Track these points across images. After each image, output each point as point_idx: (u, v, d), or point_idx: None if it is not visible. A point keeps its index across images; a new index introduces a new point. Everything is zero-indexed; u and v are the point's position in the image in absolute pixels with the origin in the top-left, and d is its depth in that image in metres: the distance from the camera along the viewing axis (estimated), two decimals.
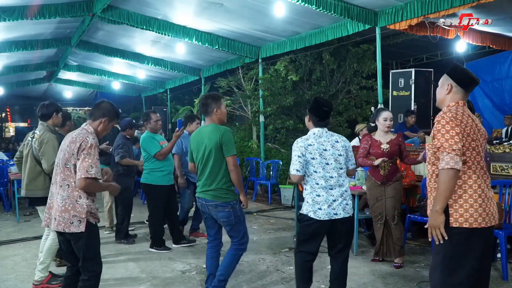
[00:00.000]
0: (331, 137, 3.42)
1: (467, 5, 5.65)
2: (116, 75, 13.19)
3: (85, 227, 2.95)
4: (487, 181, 2.46)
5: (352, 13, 6.50)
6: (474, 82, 2.55)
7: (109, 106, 3.23)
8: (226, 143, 3.52)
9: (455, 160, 2.30)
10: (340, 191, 3.34)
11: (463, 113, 2.44)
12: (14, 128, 21.53)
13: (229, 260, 3.62)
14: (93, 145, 2.97)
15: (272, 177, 8.80)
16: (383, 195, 4.52)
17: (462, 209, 2.38)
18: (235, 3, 7.10)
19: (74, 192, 2.97)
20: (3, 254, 5.26)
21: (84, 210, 2.96)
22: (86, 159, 2.92)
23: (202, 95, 3.82)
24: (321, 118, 3.47)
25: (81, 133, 3.05)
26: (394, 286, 4.06)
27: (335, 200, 3.32)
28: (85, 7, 7.66)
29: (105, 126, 3.19)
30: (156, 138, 5.31)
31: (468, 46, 9.18)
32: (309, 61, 9.95)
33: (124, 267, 4.71)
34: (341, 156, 3.37)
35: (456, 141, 2.33)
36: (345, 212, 3.33)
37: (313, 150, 3.36)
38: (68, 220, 2.95)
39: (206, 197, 3.56)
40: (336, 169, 3.36)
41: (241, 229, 3.64)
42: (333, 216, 3.31)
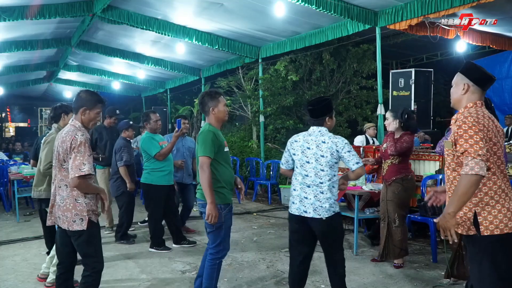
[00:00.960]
0: (320, 136, 3.29)
1: (467, 5, 5.65)
2: (116, 75, 13.19)
3: (87, 224, 2.99)
4: (507, 183, 2.39)
5: (352, 13, 6.50)
6: (491, 80, 2.48)
7: (84, 95, 3.14)
8: (200, 143, 3.42)
9: (480, 166, 2.21)
10: (315, 191, 3.23)
11: (483, 116, 2.36)
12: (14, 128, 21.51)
13: (209, 272, 3.48)
14: (82, 142, 2.94)
15: (272, 177, 8.80)
16: (385, 196, 4.52)
17: (491, 216, 2.32)
18: (235, 3, 7.10)
19: (73, 192, 3.00)
20: (3, 254, 5.26)
21: (84, 208, 2.99)
22: (78, 157, 2.91)
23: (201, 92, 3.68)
24: (310, 116, 3.38)
25: (69, 131, 3.02)
26: (394, 286, 4.06)
27: (307, 198, 3.25)
28: (85, 7, 7.66)
29: (89, 116, 3.11)
30: (156, 139, 5.31)
31: (468, 46, 9.18)
32: (309, 61, 9.95)
33: (124, 267, 4.71)
34: (323, 158, 3.23)
35: (481, 147, 2.25)
36: (315, 212, 3.19)
37: (296, 147, 3.35)
38: (71, 219, 2.99)
39: (197, 196, 3.53)
40: (314, 169, 3.25)
41: (219, 236, 3.43)
42: (303, 213, 3.24)
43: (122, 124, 5.86)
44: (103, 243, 5.55)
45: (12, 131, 21.46)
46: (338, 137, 3.31)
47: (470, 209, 2.37)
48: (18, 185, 7.40)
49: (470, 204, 2.36)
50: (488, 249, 2.32)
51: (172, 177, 5.39)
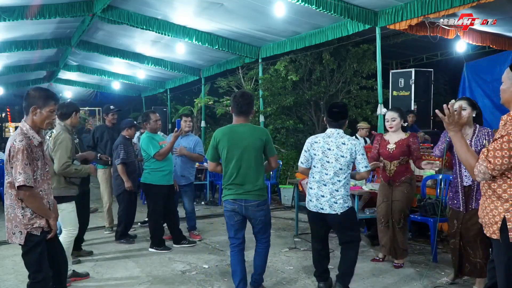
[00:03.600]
0: (340, 138, 3.67)
1: (467, 5, 5.65)
2: (116, 75, 13.19)
3: (24, 240, 2.81)
4: None
5: (352, 13, 6.50)
6: None
7: (34, 92, 2.87)
8: (270, 143, 3.61)
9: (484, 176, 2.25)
10: (330, 189, 3.63)
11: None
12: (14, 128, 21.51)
13: (265, 259, 3.76)
14: (20, 149, 2.69)
15: (272, 177, 8.79)
16: (390, 197, 4.47)
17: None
18: (235, 3, 7.10)
19: (14, 201, 2.81)
20: (3, 254, 5.26)
21: (21, 221, 2.79)
22: (16, 166, 2.70)
23: (242, 91, 3.68)
24: (333, 119, 3.72)
25: (12, 137, 2.80)
26: (394, 286, 4.06)
27: (323, 196, 3.65)
28: (85, 7, 7.66)
29: (41, 115, 2.83)
30: (156, 138, 5.31)
31: (468, 46, 9.17)
32: (309, 61, 9.94)
33: (124, 267, 4.71)
34: (343, 158, 3.62)
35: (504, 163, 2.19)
36: (331, 209, 3.62)
37: (317, 147, 3.71)
38: (11, 231, 2.84)
39: (248, 198, 3.53)
40: (334, 169, 3.63)
41: (269, 227, 3.77)
42: (320, 210, 3.67)
43: (125, 122, 5.83)
44: (103, 243, 5.61)
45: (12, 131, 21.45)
46: (355, 139, 3.74)
47: (500, 213, 2.28)
48: None
49: (500, 209, 2.28)
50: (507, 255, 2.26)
51: (172, 177, 5.39)
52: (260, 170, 3.57)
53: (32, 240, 2.84)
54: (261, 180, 3.57)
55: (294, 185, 6.66)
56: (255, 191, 3.53)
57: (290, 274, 4.41)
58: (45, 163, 2.96)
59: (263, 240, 3.72)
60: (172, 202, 5.48)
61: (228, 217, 3.66)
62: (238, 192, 3.54)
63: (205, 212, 7.57)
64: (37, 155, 2.86)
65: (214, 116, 12.93)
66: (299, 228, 6.08)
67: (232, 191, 3.56)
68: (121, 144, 5.60)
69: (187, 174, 5.79)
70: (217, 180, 8.77)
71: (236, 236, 3.67)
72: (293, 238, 5.79)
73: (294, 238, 5.79)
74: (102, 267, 4.70)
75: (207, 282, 4.20)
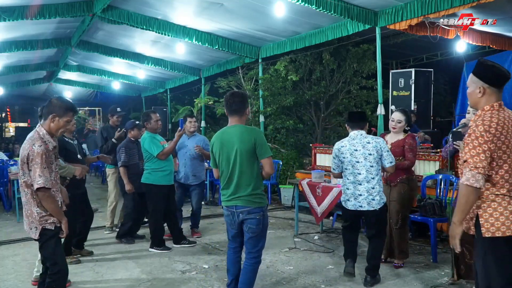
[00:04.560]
0: (364, 139, 3.96)
1: (467, 5, 5.65)
2: (116, 75, 13.19)
3: (39, 235, 3.00)
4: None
5: (352, 13, 6.50)
6: (507, 78, 2.42)
7: (56, 102, 3.07)
8: (262, 144, 3.28)
9: (476, 178, 2.28)
10: (366, 187, 3.91)
11: (498, 122, 2.33)
12: (14, 128, 21.50)
13: (251, 276, 3.41)
14: (39, 153, 2.87)
15: (272, 177, 8.78)
16: (388, 197, 4.46)
17: (492, 218, 2.35)
18: (235, 3, 7.10)
19: (30, 199, 2.98)
20: (3, 254, 5.26)
21: (36, 217, 2.98)
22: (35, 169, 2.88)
23: (232, 91, 3.52)
24: (353, 121, 4.04)
25: (31, 139, 2.96)
26: (394, 286, 4.06)
27: (361, 195, 3.93)
28: (85, 7, 7.66)
29: (58, 124, 3.03)
30: (157, 138, 5.31)
31: (468, 46, 9.17)
32: (309, 61, 9.94)
33: (124, 267, 4.71)
34: (371, 156, 3.90)
35: (482, 159, 2.28)
36: (370, 206, 3.91)
37: (345, 151, 3.99)
38: (28, 226, 3.02)
39: (238, 204, 3.30)
40: (365, 167, 3.91)
41: (263, 240, 3.43)
42: (359, 208, 3.95)
43: (128, 124, 5.87)
44: (103, 243, 5.61)
45: (12, 131, 21.45)
46: (378, 138, 4.03)
47: (473, 210, 2.40)
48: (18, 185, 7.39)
49: (474, 205, 2.39)
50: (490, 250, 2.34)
51: (172, 177, 5.39)
52: (253, 174, 3.29)
53: (46, 234, 3.01)
54: (254, 185, 3.28)
55: (294, 185, 6.65)
56: (246, 196, 3.27)
57: (290, 274, 4.41)
58: (56, 164, 3.15)
59: (251, 254, 3.38)
60: (172, 202, 5.48)
61: (226, 221, 3.53)
62: (229, 198, 3.34)
63: (205, 212, 7.56)
64: (51, 158, 3.03)
65: (214, 116, 12.93)
66: (299, 228, 6.08)
67: (225, 197, 3.39)
68: (123, 147, 5.63)
69: (198, 174, 5.82)
70: (216, 180, 8.75)
71: (234, 240, 3.52)
72: (293, 238, 5.79)
73: (294, 238, 5.79)
74: (102, 267, 4.70)
75: (207, 282, 4.20)
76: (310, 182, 5.60)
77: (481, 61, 2.49)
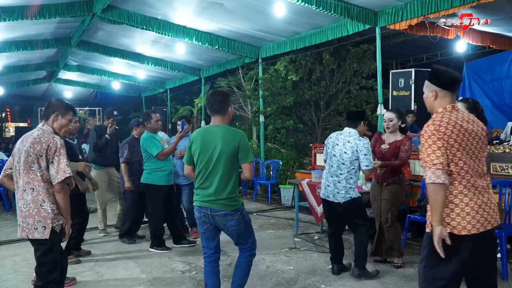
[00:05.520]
0: (348, 137, 4.14)
1: (467, 5, 5.65)
2: (116, 75, 13.18)
3: (50, 234, 2.90)
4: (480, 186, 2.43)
5: (352, 13, 6.50)
6: (457, 81, 2.53)
7: (57, 102, 3.20)
8: (245, 148, 3.17)
9: (437, 174, 2.34)
10: (334, 180, 4.15)
11: (449, 122, 2.41)
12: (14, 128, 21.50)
13: (245, 270, 3.38)
14: (62, 144, 2.96)
15: (272, 177, 8.80)
16: (379, 196, 4.49)
17: (448, 218, 2.41)
18: (235, 3, 7.10)
19: (39, 196, 2.90)
20: (3, 254, 5.26)
21: (49, 215, 2.90)
22: (61, 159, 2.90)
23: (213, 90, 3.37)
24: (348, 119, 4.26)
25: (44, 134, 2.98)
26: (394, 286, 4.06)
27: (329, 186, 4.20)
28: (85, 7, 7.66)
29: (60, 122, 3.12)
30: (157, 138, 5.32)
31: (468, 46, 9.17)
32: (309, 61, 9.94)
33: (124, 267, 4.72)
34: (345, 154, 4.09)
35: (438, 155, 2.36)
36: (334, 198, 4.15)
37: (330, 143, 4.27)
38: (32, 226, 2.90)
39: (212, 207, 3.19)
40: (337, 162, 4.14)
41: (250, 235, 3.38)
42: (326, 197, 4.24)
43: (132, 122, 5.97)
44: (103, 243, 5.61)
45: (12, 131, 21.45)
46: (361, 139, 4.09)
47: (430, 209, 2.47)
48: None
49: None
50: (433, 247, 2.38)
51: (172, 177, 5.39)
52: (232, 177, 3.18)
53: (53, 238, 2.94)
54: (231, 188, 3.19)
55: (294, 185, 6.65)
56: (222, 200, 3.17)
57: (290, 274, 4.41)
58: None
59: (244, 249, 3.37)
60: (172, 202, 5.48)
61: (198, 224, 3.39)
62: (203, 200, 3.23)
63: None
64: None
65: None
66: (299, 228, 6.08)
67: (198, 196, 3.27)
68: (127, 143, 5.65)
69: None
70: None
71: (208, 245, 3.36)
72: (293, 238, 5.79)
73: (294, 238, 5.79)
74: (102, 267, 4.71)
75: None
76: (310, 182, 5.60)
77: (434, 67, 2.60)
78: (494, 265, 2.60)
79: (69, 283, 4.06)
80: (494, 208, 2.47)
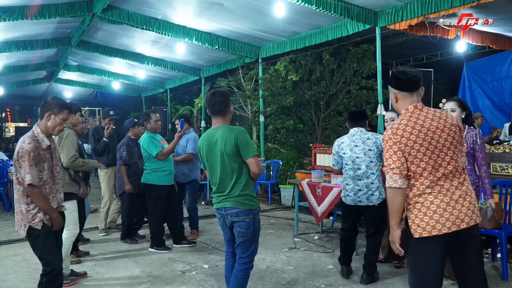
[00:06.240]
0: (364, 135, 4.06)
1: (467, 5, 5.65)
2: (116, 75, 13.18)
3: (27, 232, 3.03)
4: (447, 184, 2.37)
5: (352, 13, 6.49)
6: (411, 81, 2.45)
7: (51, 100, 3.14)
8: (244, 144, 3.11)
9: (394, 179, 2.37)
10: (366, 182, 3.98)
11: (407, 124, 2.39)
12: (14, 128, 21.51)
13: (241, 282, 3.21)
14: (28, 151, 2.92)
15: (272, 177, 8.80)
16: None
17: (418, 219, 2.38)
18: (235, 3, 7.10)
19: (19, 197, 3.05)
20: (3, 254, 5.26)
21: (24, 215, 3.02)
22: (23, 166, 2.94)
23: (213, 91, 3.30)
24: (353, 119, 4.17)
25: (25, 137, 3.03)
26: (394, 286, 4.06)
27: (360, 190, 4.00)
28: (85, 7, 7.65)
29: (54, 121, 3.09)
30: (157, 138, 5.31)
31: (468, 46, 9.17)
32: (309, 61, 9.94)
33: (124, 267, 4.72)
34: (371, 151, 3.98)
35: (394, 160, 2.38)
36: (369, 201, 3.99)
37: (345, 147, 4.10)
38: (19, 223, 3.08)
39: (226, 205, 3.17)
40: (365, 162, 3.99)
41: (253, 245, 3.25)
42: (358, 203, 4.04)
43: (127, 123, 5.87)
44: (102, 244, 5.61)
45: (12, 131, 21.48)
46: (378, 134, 4.10)
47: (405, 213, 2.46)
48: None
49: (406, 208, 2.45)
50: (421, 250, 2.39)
51: (172, 177, 5.39)
52: (241, 175, 3.14)
53: (33, 234, 3.04)
54: (243, 186, 3.13)
55: (294, 185, 6.65)
56: (234, 197, 3.14)
57: (290, 274, 4.41)
58: (53, 164, 3.16)
59: (242, 260, 3.21)
60: (172, 202, 5.48)
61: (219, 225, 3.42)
62: (218, 200, 3.23)
63: (205, 212, 7.56)
64: (45, 157, 3.05)
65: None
66: (299, 228, 6.08)
67: (215, 199, 3.28)
68: (124, 145, 5.62)
69: (187, 172, 5.81)
70: None
71: (229, 244, 3.36)
72: (293, 238, 5.79)
73: (294, 238, 5.79)
74: (102, 267, 4.71)
75: (207, 282, 4.20)
76: (310, 182, 5.60)
77: (393, 70, 2.56)
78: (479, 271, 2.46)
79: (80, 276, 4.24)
80: (469, 206, 2.37)
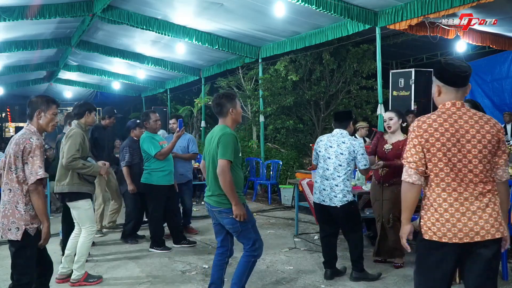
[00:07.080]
0: (341, 138, 4.08)
1: (467, 5, 5.65)
2: (116, 75, 13.19)
3: (22, 236, 2.88)
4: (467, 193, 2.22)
5: (352, 13, 6.50)
6: (460, 77, 2.27)
7: (36, 99, 3.12)
8: (221, 145, 3.26)
9: (408, 173, 2.30)
10: (330, 183, 4.03)
11: (436, 119, 2.25)
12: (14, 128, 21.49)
13: (241, 269, 3.42)
14: (38, 145, 2.91)
15: (272, 177, 8.80)
16: (380, 197, 4.48)
17: (429, 222, 2.26)
18: (235, 3, 7.10)
19: (15, 198, 2.90)
20: (3, 254, 5.25)
21: (22, 217, 2.88)
22: (35, 160, 2.88)
23: (217, 93, 3.53)
24: (337, 120, 4.21)
25: (24, 135, 2.97)
26: (394, 286, 4.06)
27: (325, 190, 4.07)
28: (85, 7, 7.66)
29: (45, 118, 3.07)
30: (156, 138, 5.31)
31: (468, 46, 9.18)
32: (309, 61, 9.95)
33: (124, 267, 4.72)
34: (342, 155, 4.01)
35: (412, 153, 2.29)
36: (331, 202, 4.03)
37: (322, 145, 4.17)
38: (7, 227, 2.90)
39: (209, 202, 3.42)
40: (334, 164, 4.04)
41: (250, 236, 3.40)
42: (322, 202, 4.10)
43: (129, 123, 5.88)
44: (102, 244, 5.61)
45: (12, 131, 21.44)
46: (355, 139, 4.10)
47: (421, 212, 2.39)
48: None
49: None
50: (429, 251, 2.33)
51: (172, 177, 5.38)
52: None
53: (26, 240, 2.89)
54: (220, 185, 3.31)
55: (294, 185, 6.65)
56: (214, 196, 3.36)
57: (290, 274, 4.41)
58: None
59: (246, 251, 3.44)
60: (172, 202, 5.47)
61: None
62: (206, 195, 3.49)
63: (204, 212, 7.56)
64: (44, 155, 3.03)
65: (214, 116, 12.82)
66: (299, 228, 6.08)
67: (205, 193, 3.54)
68: (127, 146, 5.62)
69: (184, 172, 5.92)
70: None
71: (216, 239, 3.61)
72: (293, 238, 5.79)
73: (294, 238, 5.79)
74: (102, 267, 4.70)
75: (207, 282, 4.18)
76: (310, 182, 5.60)
77: (441, 60, 2.39)
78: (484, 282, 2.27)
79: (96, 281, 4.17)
80: (488, 219, 2.19)
